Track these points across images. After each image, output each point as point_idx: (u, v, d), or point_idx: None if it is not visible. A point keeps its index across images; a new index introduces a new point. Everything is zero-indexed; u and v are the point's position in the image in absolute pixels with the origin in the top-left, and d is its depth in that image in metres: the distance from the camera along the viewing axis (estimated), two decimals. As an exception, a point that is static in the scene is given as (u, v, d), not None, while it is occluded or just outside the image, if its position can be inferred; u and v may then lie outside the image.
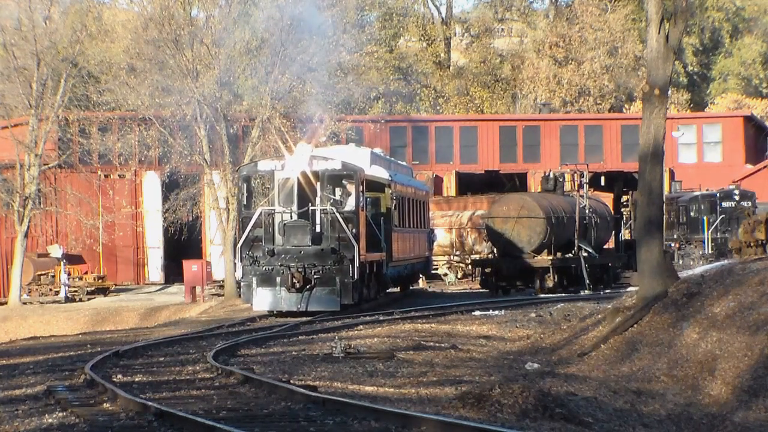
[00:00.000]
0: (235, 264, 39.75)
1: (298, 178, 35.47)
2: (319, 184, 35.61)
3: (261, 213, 35.63)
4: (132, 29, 62.20)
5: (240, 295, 41.92)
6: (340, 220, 34.99)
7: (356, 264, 34.87)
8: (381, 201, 40.61)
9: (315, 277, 34.81)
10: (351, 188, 36.47)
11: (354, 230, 35.26)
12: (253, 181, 39.80)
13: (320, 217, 35.31)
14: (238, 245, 35.90)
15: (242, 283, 36.23)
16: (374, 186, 39.73)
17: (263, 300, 35.28)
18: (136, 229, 67.42)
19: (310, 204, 35.42)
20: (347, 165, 36.28)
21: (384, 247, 39.23)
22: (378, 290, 40.03)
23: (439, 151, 73.72)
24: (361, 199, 36.19)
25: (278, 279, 34.89)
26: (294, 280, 34.66)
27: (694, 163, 73.53)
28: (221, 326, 32.13)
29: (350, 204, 36.08)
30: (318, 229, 35.22)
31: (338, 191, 36.54)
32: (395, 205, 41.29)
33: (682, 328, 22.10)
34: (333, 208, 35.26)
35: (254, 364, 21.92)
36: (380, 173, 40.76)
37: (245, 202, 36.87)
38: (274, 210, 35.68)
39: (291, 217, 35.44)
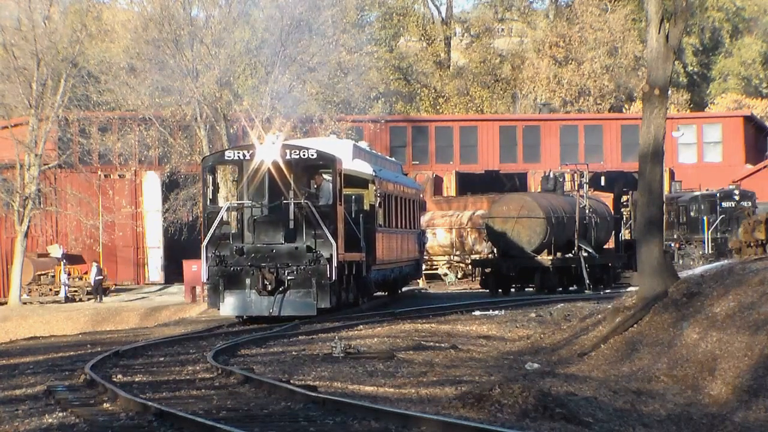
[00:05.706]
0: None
1: (269, 169, 31.82)
2: (292, 175, 31.98)
3: (228, 208, 32.55)
4: (132, 29, 62.25)
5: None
6: (317, 215, 31.81)
7: (334, 264, 31.56)
8: (364, 198, 37.12)
9: (288, 278, 31.47)
10: (328, 180, 33.38)
11: (331, 226, 32.03)
12: (220, 173, 37.18)
13: (294, 211, 31.78)
14: (203, 244, 32.25)
15: (207, 286, 32.73)
16: (356, 181, 36.63)
17: (231, 304, 31.92)
18: (136, 229, 67.42)
19: (282, 197, 31.87)
20: (323, 154, 32.87)
21: (364, 248, 35.81)
22: (359, 295, 36.51)
23: (439, 151, 73.78)
24: (338, 192, 32.93)
25: (248, 281, 31.55)
26: (265, 282, 31.38)
27: (694, 163, 73.59)
28: (221, 326, 32.04)
29: (327, 197, 32.97)
30: (292, 226, 31.75)
31: (313, 184, 33.57)
32: (380, 202, 37.88)
33: (682, 328, 22.08)
34: (308, 202, 31.94)
35: (254, 364, 21.89)
36: (363, 168, 37.57)
37: (211, 196, 33.34)
38: (242, 204, 32.18)
39: (262, 212, 31.92)
